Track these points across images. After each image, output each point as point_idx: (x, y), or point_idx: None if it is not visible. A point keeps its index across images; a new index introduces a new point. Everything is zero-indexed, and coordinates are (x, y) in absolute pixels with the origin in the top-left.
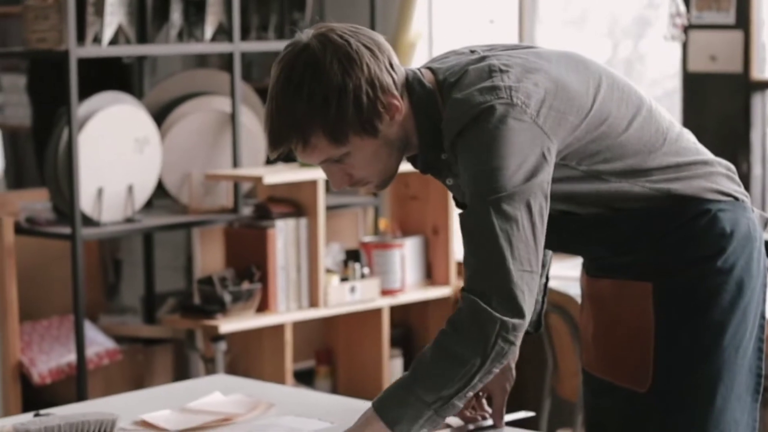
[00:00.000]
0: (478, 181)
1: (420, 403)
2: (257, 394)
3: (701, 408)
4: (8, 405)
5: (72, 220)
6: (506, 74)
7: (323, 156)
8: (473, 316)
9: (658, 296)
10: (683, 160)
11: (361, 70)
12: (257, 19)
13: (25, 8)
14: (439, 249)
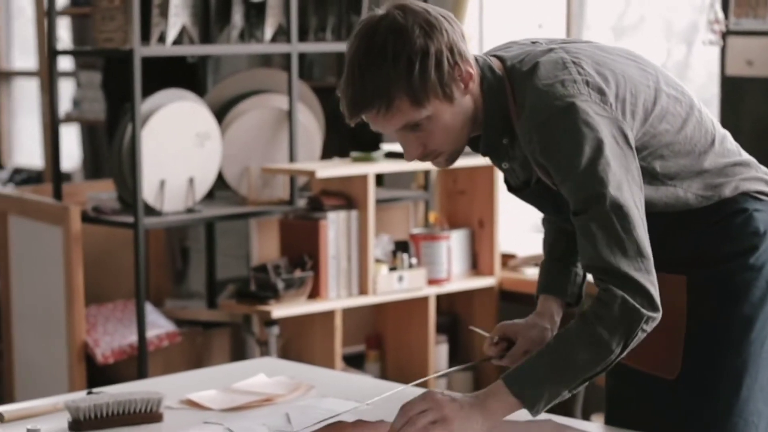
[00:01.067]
0: (583, 183)
1: (561, 386)
2: (299, 377)
3: (727, 397)
4: (73, 383)
5: (135, 210)
6: (580, 67)
7: (403, 120)
8: (623, 313)
9: (692, 289)
10: (729, 161)
11: (441, 35)
12: (315, 21)
13: (93, 9)
14: (485, 241)
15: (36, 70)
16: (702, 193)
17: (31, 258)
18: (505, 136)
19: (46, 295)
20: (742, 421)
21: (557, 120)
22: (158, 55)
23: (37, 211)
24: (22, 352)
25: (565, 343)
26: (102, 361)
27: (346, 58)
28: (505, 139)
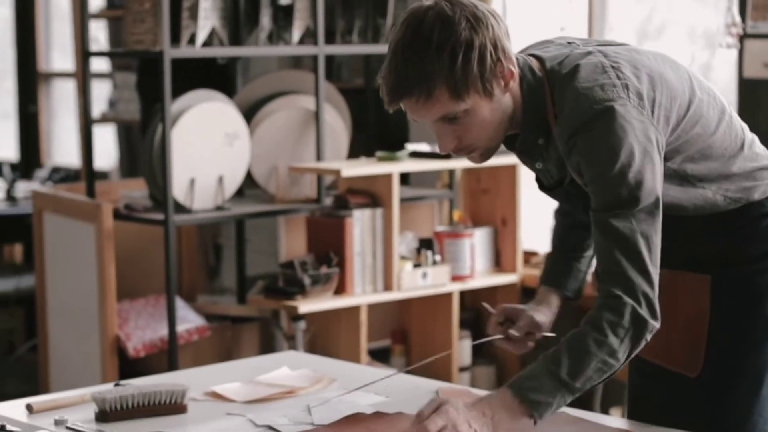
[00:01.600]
0: (612, 186)
1: (570, 395)
2: (321, 370)
3: (747, 396)
4: (106, 375)
5: (165, 207)
6: (619, 71)
7: (441, 111)
8: (634, 323)
9: (716, 289)
10: (757, 165)
11: (487, 30)
12: (342, 24)
13: (125, 12)
14: (507, 239)
15: (73, 71)
16: (731, 195)
17: (65, 254)
18: (541, 136)
19: (79, 290)
20: (762, 420)
21: (596, 123)
22: (188, 56)
23: (70, 208)
24: (57, 345)
25: (578, 351)
26: (133, 355)
27: (391, 45)
28: (541, 139)
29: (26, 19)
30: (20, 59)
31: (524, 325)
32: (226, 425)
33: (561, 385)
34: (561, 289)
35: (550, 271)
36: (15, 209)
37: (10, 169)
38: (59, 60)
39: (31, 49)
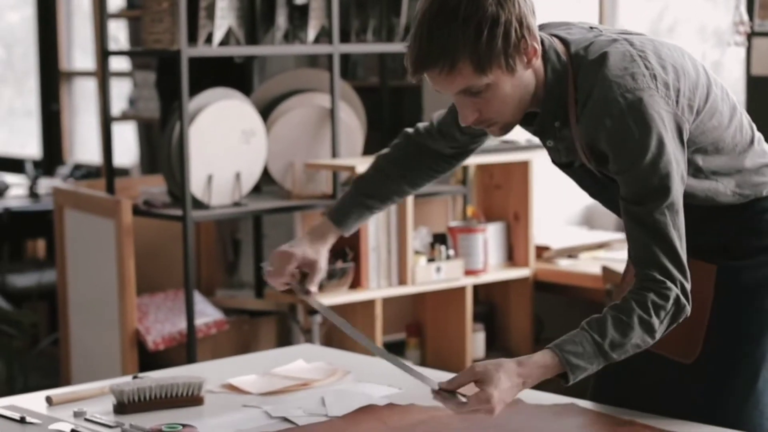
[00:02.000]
0: (645, 177)
1: (605, 363)
2: (336, 362)
3: (743, 388)
4: (126, 368)
5: (183, 203)
6: (647, 60)
7: (463, 84)
8: (676, 309)
9: (720, 278)
10: (765, 162)
11: (513, 6)
12: (357, 23)
13: (143, 11)
14: (520, 233)
15: (94, 70)
16: (740, 191)
17: (85, 250)
18: (558, 119)
19: (100, 285)
20: (757, 413)
21: (628, 112)
22: (204, 55)
23: (91, 204)
24: (78, 339)
25: (624, 326)
26: (153, 348)
27: (417, 15)
28: (557, 122)
29: (48, 19)
30: (42, 58)
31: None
32: (242, 417)
33: (601, 354)
34: (343, 229)
35: (342, 210)
36: (38, 205)
37: (33, 166)
38: (81, 59)
39: (53, 48)
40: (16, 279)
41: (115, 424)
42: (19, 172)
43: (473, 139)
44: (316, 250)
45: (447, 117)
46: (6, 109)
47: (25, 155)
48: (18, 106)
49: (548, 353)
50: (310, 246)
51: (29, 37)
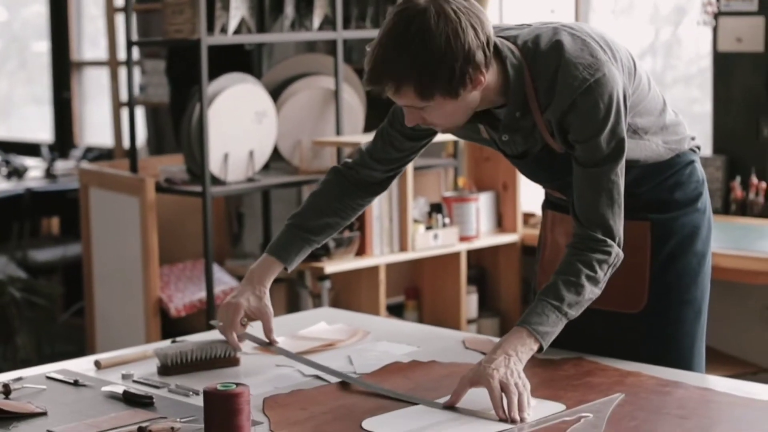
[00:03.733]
0: (606, 142)
1: (566, 320)
2: (356, 324)
3: (692, 324)
4: (150, 334)
5: (203, 180)
6: (592, 39)
7: (408, 103)
8: (615, 261)
9: (654, 232)
10: (675, 119)
11: (463, 47)
12: (356, 11)
13: (164, 5)
14: (508, 202)
15: (106, 59)
16: (666, 146)
17: (109, 225)
18: (518, 109)
19: (123, 257)
20: (703, 345)
21: (595, 87)
22: (222, 43)
23: (115, 183)
24: (102, 308)
25: (575, 286)
26: (175, 315)
27: (380, 31)
28: (518, 112)
29: (60, 13)
30: (54, 50)
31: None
32: (278, 375)
33: (562, 315)
34: (289, 264)
35: (284, 247)
36: (54, 185)
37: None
38: (90, 50)
39: (65, 40)
40: (36, 254)
41: (161, 384)
42: (34, 155)
43: (418, 143)
44: (259, 296)
45: (377, 142)
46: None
47: (40, 140)
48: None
49: (519, 329)
50: (252, 294)
51: (42, 31)
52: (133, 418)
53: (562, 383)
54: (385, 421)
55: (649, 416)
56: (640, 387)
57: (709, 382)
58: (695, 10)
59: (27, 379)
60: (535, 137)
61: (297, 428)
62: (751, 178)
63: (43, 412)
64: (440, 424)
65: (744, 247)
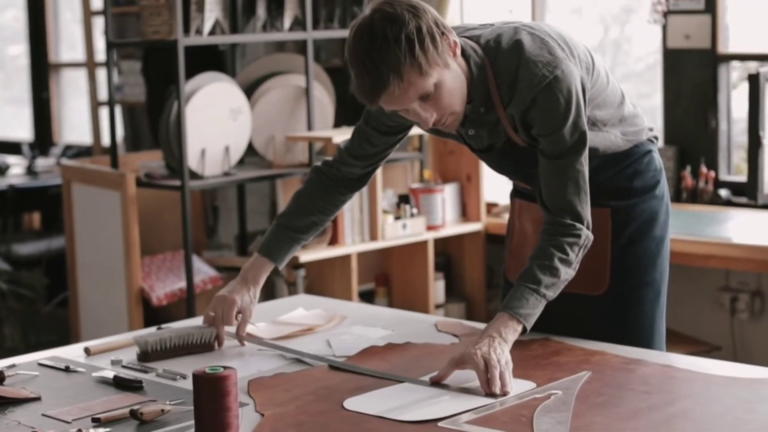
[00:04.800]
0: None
1: (545, 301)
2: (332, 309)
3: (651, 305)
4: (132, 322)
5: (181, 175)
6: (551, 38)
7: (416, 93)
8: (585, 244)
9: (615, 219)
10: (634, 111)
11: (426, 13)
12: (325, 12)
13: (141, 7)
14: (472, 193)
15: (83, 61)
16: (625, 137)
17: (91, 219)
18: (482, 105)
19: (106, 249)
20: (663, 323)
21: (554, 83)
22: (197, 44)
23: (97, 178)
24: (86, 298)
25: (550, 270)
26: (156, 304)
27: (352, 55)
28: (482, 108)
29: (37, 17)
30: (33, 52)
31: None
32: (261, 359)
33: (541, 297)
34: (279, 262)
35: (274, 246)
36: (36, 182)
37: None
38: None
39: (42, 43)
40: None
41: (149, 369)
42: (14, 153)
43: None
44: (252, 296)
45: (354, 140)
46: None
47: (20, 138)
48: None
49: (501, 315)
50: (248, 293)
51: (21, 34)
52: (124, 402)
53: (531, 363)
54: (366, 400)
55: (616, 392)
56: (605, 365)
57: (670, 359)
58: (643, 9)
59: (20, 366)
60: (498, 131)
61: (281, 409)
62: (701, 167)
63: (37, 397)
64: (421, 401)
65: (695, 233)
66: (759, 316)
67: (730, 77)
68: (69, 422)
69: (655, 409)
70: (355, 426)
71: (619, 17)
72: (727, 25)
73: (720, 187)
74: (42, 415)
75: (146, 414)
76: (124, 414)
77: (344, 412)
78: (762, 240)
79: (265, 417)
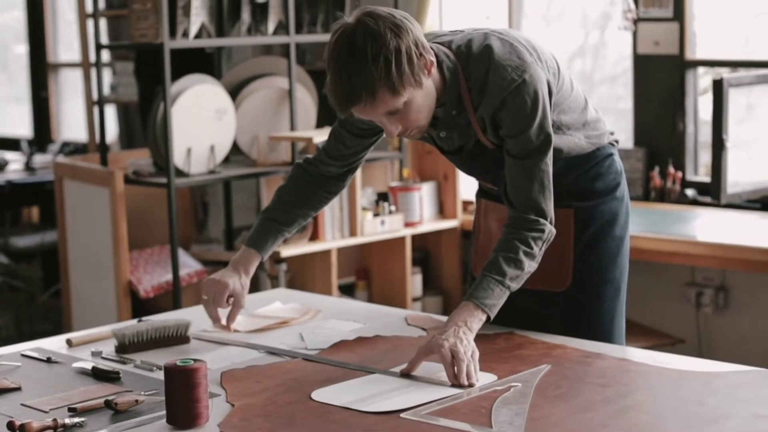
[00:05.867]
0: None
1: (509, 292)
2: (308, 303)
3: (611, 302)
4: (121, 314)
5: (167, 173)
6: (519, 43)
7: (385, 109)
8: (548, 238)
9: (578, 219)
10: (596, 116)
11: (408, 33)
12: (308, 17)
13: (130, 11)
14: (449, 191)
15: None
16: (590, 140)
17: (82, 214)
18: (454, 108)
19: (96, 243)
20: (622, 319)
21: (522, 87)
22: (183, 47)
23: (87, 175)
24: (77, 290)
25: (515, 262)
26: (144, 296)
27: (330, 61)
28: (454, 111)
29: (36, 18)
30: (32, 52)
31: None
32: (235, 351)
33: (506, 289)
34: (264, 254)
35: (261, 238)
36: (33, 177)
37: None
38: (64, 53)
39: (41, 43)
40: (16, 240)
41: (128, 360)
42: (14, 149)
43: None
44: (244, 284)
45: (330, 141)
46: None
47: (19, 135)
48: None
49: (466, 303)
50: (239, 280)
51: (21, 35)
52: (101, 392)
53: (494, 356)
54: (334, 391)
55: (573, 384)
56: (565, 358)
57: (627, 353)
58: (618, 15)
59: (3, 357)
60: (469, 134)
61: (251, 399)
62: (669, 168)
63: (18, 387)
64: (387, 392)
65: (662, 231)
66: (722, 311)
67: (697, 82)
68: (47, 412)
69: (610, 401)
70: (320, 416)
71: (598, 22)
72: (694, 32)
73: (687, 187)
74: (21, 405)
75: (120, 404)
76: (100, 404)
77: (311, 402)
78: (725, 238)
79: (235, 407)
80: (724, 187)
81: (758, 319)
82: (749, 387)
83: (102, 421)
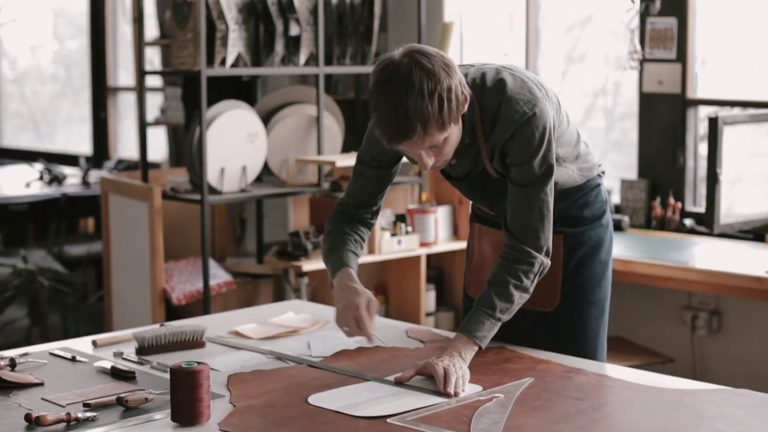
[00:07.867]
0: (538, 166)
1: (500, 323)
2: (318, 314)
3: (596, 322)
4: (156, 318)
5: (201, 190)
6: (528, 79)
7: (431, 143)
8: (541, 271)
9: (568, 243)
10: (586, 150)
11: (455, 73)
12: (338, 50)
13: (172, 40)
14: (463, 214)
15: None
16: (582, 172)
17: (124, 226)
18: (467, 137)
19: (135, 253)
20: (605, 338)
21: (531, 119)
22: (218, 74)
23: (129, 190)
24: (118, 296)
25: (505, 296)
26: (177, 303)
27: (380, 95)
28: (467, 139)
29: (98, 45)
30: (94, 77)
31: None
32: (246, 356)
33: (496, 321)
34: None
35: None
36: (89, 191)
37: (85, 160)
38: (123, 77)
39: (102, 68)
40: (71, 249)
41: (145, 362)
42: (73, 165)
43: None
44: (361, 290)
45: (353, 182)
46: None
47: (79, 152)
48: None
49: (460, 336)
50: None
51: (84, 60)
52: (116, 390)
53: (483, 368)
54: (329, 396)
55: (551, 397)
56: (548, 372)
57: (606, 369)
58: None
59: (32, 355)
60: (477, 162)
61: (252, 401)
62: (669, 199)
63: (41, 382)
64: (378, 398)
65: (662, 257)
66: (716, 333)
67: (697, 119)
68: (63, 406)
69: (583, 414)
70: (312, 419)
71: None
72: (696, 73)
73: (686, 217)
74: (41, 399)
75: (131, 401)
76: (112, 401)
77: (307, 406)
78: (719, 265)
79: (236, 407)
80: (717, 217)
81: (749, 341)
82: (716, 404)
83: (113, 416)
